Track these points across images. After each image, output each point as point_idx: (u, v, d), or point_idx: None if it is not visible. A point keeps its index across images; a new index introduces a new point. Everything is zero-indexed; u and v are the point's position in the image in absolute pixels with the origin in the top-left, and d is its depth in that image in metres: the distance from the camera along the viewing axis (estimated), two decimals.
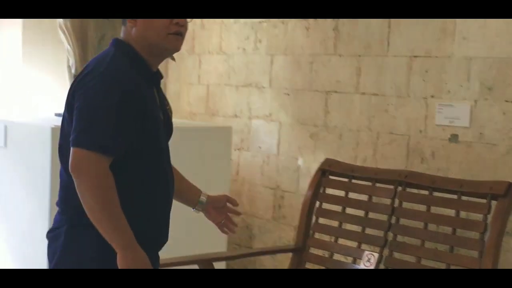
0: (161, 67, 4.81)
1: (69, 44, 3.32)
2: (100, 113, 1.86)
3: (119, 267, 1.86)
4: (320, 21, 3.84)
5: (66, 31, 3.29)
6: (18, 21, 4.15)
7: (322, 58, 3.86)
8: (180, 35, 2.05)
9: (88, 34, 3.30)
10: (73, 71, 3.32)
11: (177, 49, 2.09)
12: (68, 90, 2.02)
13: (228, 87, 4.41)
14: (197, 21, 4.56)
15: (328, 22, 3.81)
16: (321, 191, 3.42)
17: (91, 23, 3.28)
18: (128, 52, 2.01)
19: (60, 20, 3.30)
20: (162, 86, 4.96)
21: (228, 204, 2.35)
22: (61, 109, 3.83)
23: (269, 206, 4.18)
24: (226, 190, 3.67)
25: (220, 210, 2.33)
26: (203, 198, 2.30)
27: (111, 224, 1.85)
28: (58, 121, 3.31)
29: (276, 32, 4.09)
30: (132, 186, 1.95)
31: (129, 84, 1.92)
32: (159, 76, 2.13)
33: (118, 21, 3.45)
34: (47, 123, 3.21)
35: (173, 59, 3.89)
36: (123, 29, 2.07)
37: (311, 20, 3.89)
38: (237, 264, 4.05)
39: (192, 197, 2.30)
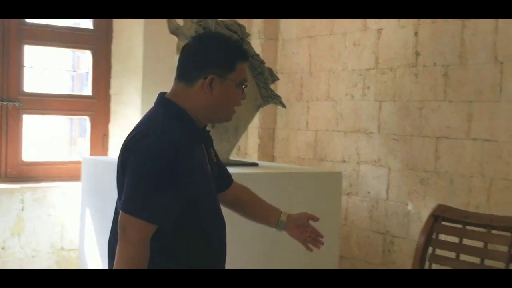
0: (270, 113, 4.97)
1: None
2: (148, 181, 1.88)
3: None
4: (430, 68, 3.88)
5: None
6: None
7: (431, 104, 3.89)
8: None
9: None
10: None
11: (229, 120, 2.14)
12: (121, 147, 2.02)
13: (336, 133, 4.49)
14: (305, 68, 4.70)
15: (438, 69, 3.84)
16: (433, 237, 3.41)
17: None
18: (177, 113, 2.01)
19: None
20: (270, 131, 5.08)
21: (310, 221, 2.37)
22: None
23: (379, 251, 4.19)
24: (335, 234, 3.72)
25: (303, 228, 2.35)
26: (283, 218, 2.34)
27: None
28: None
29: (384, 79, 4.16)
30: (188, 245, 2.00)
31: (177, 147, 1.91)
32: (205, 132, 2.11)
33: None
34: None
35: (284, 106, 4.03)
36: (180, 86, 2.04)
37: (420, 67, 3.93)
38: None
39: (272, 217, 2.35)
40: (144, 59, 4.47)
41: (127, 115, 4.52)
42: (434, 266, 3.38)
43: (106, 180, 3.17)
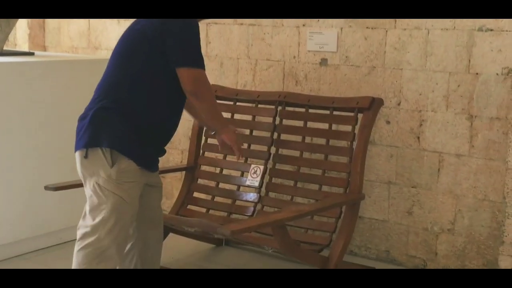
0: None
1: None
2: (196, 39, 2.66)
3: (226, 140, 2.88)
4: None
5: None
6: None
7: None
8: None
9: None
10: None
11: None
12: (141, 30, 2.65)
13: (110, 21, 4.56)
14: None
15: None
16: None
17: None
18: None
19: None
20: (40, 20, 4.97)
21: None
22: None
23: None
24: None
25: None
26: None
27: (217, 116, 2.82)
28: None
29: None
30: (169, 93, 2.68)
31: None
32: None
33: None
34: None
35: None
36: None
37: None
38: None
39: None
40: None
41: None
42: (210, 141, 3.71)
43: None
